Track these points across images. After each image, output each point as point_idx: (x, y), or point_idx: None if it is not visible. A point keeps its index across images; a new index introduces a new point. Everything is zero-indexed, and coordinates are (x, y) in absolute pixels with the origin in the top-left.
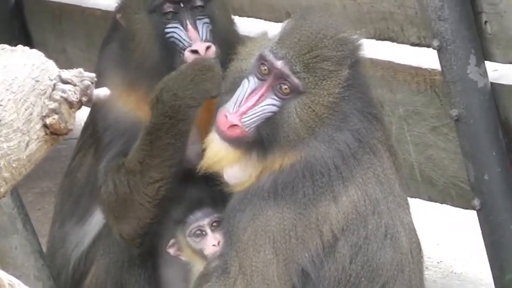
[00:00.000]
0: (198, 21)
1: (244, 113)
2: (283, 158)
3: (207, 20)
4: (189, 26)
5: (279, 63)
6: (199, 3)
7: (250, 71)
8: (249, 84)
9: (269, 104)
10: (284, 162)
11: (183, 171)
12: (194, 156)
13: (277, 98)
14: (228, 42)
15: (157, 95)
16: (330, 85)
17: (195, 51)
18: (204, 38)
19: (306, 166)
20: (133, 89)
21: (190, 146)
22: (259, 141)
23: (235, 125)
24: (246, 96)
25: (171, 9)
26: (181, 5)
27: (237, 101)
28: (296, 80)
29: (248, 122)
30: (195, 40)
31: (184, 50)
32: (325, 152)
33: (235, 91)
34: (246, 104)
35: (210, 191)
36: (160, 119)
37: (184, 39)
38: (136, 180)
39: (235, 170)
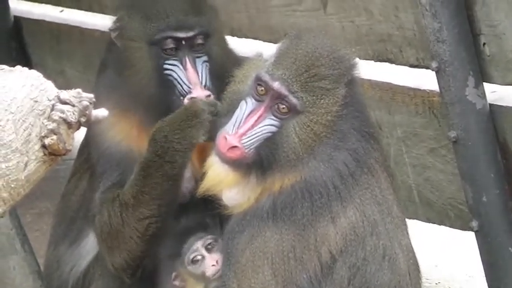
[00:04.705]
0: (197, 60)
1: (243, 134)
2: (283, 179)
3: (205, 58)
4: (188, 66)
5: (276, 84)
6: (200, 41)
7: (247, 92)
8: (246, 105)
9: (268, 125)
10: (284, 183)
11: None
12: (188, 193)
13: (275, 118)
14: (223, 77)
15: (153, 132)
16: (328, 103)
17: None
18: (204, 82)
19: (306, 186)
20: (127, 117)
21: (185, 184)
22: (259, 162)
23: (235, 147)
24: (244, 117)
25: (172, 45)
26: (183, 42)
27: (235, 122)
28: (294, 100)
29: (248, 143)
30: (195, 85)
31: (183, 95)
32: (324, 171)
33: (234, 113)
34: (245, 126)
35: (200, 216)
36: (152, 156)
37: (184, 83)
38: (128, 214)
39: (234, 192)
